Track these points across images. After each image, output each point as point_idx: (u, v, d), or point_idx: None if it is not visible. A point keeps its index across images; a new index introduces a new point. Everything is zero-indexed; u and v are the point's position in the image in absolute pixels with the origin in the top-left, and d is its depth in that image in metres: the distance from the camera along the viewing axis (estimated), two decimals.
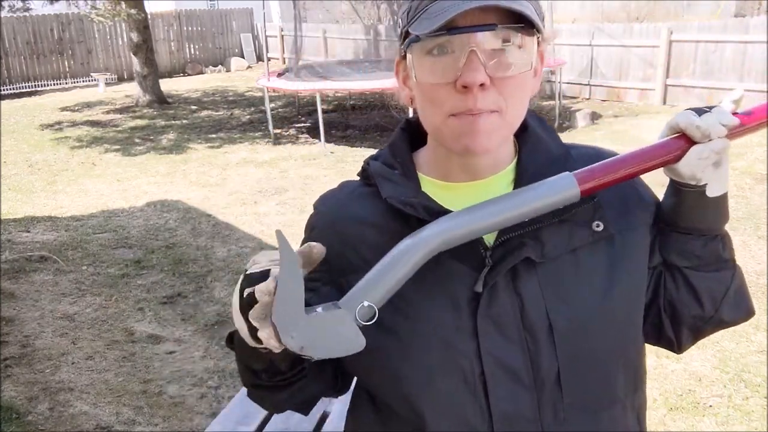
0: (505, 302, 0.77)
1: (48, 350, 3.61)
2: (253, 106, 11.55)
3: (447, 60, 0.73)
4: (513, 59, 0.73)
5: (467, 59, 0.71)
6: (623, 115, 9.29)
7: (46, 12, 14.61)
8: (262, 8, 10.01)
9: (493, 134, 0.75)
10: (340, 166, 7.32)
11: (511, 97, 0.74)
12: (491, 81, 0.72)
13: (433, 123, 0.78)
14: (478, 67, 0.71)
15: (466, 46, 0.71)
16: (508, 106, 0.75)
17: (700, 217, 0.82)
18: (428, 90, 0.76)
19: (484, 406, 0.77)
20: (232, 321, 0.73)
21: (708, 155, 0.75)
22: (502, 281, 0.77)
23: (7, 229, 5.63)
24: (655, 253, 0.85)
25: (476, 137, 0.74)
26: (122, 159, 8.14)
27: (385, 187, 0.83)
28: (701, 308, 0.85)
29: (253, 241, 5.17)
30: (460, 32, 0.70)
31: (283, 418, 2.69)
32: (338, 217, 0.88)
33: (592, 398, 0.81)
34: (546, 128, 0.88)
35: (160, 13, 16.70)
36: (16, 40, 14.55)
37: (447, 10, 0.69)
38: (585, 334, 0.79)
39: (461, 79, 0.71)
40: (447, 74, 0.73)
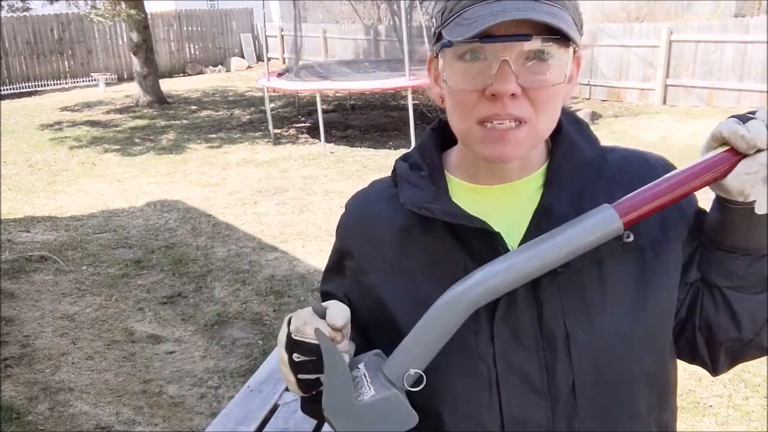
0: (524, 309, 0.77)
1: (48, 350, 3.61)
2: (253, 106, 11.55)
3: (479, 67, 0.72)
4: (546, 70, 0.71)
5: (499, 68, 0.70)
6: (623, 115, 9.30)
7: (46, 12, 14.62)
8: (262, 8, 10.02)
9: (521, 144, 0.74)
10: (340, 166, 7.32)
11: (542, 107, 0.73)
12: (523, 91, 0.71)
13: (461, 127, 0.77)
14: (510, 77, 0.70)
15: (498, 54, 0.70)
16: (538, 117, 0.73)
17: (746, 236, 0.76)
18: (458, 94, 0.75)
19: (498, 411, 0.78)
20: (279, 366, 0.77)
21: (757, 169, 0.69)
22: (522, 288, 0.75)
23: (7, 229, 5.64)
24: (693, 268, 0.81)
25: (504, 146, 0.74)
26: (122, 159, 8.14)
27: (405, 190, 0.84)
28: (739, 331, 0.79)
29: (253, 241, 5.17)
30: (493, 41, 0.69)
31: (283, 418, 2.69)
32: (364, 216, 0.90)
33: (610, 413, 0.79)
34: (582, 130, 0.85)
35: (160, 13, 16.70)
36: (16, 40, 14.55)
37: (483, 19, 0.68)
38: (606, 348, 0.76)
39: (491, 88, 0.71)
40: (478, 81, 0.72)
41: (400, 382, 0.71)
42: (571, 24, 0.71)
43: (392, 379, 0.71)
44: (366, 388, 0.71)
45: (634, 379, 0.79)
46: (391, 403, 0.70)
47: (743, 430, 2.67)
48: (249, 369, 3.28)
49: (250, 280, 4.43)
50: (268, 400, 2.82)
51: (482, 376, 0.78)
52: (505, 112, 0.71)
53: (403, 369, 0.71)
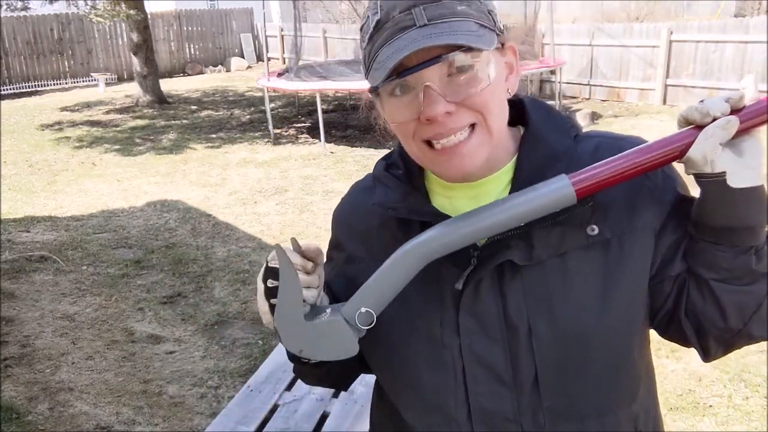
0: (489, 302, 0.79)
1: (48, 350, 3.61)
2: (253, 106, 11.55)
3: (408, 98, 0.75)
4: (469, 78, 0.73)
5: (425, 95, 0.73)
6: (623, 115, 9.30)
7: (46, 12, 14.62)
8: (262, 8, 10.01)
9: (479, 150, 0.76)
10: (340, 166, 7.32)
11: (484, 109, 0.75)
12: (459, 104, 0.74)
13: (414, 153, 0.80)
14: (437, 99, 0.72)
15: (420, 82, 0.73)
16: (486, 118, 0.75)
17: (726, 214, 0.74)
18: (401, 127, 0.78)
19: (465, 402, 0.80)
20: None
21: (713, 132, 0.71)
22: (487, 280, 0.78)
23: (7, 229, 5.64)
24: (678, 259, 0.80)
25: (460, 160, 0.76)
26: (122, 159, 8.14)
27: (377, 191, 0.89)
28: (726, 322, 0.78)
29: (253, 241, 5.17)
30: (408, 73, 0.72)
31: (283, 418, 2.69)
32: (353, 210, 0.95)
33: (577, 406, 0.80)
34: (552, 121, 0.85)
35: (160, 13, 16.70)
36: (16, 40, 14.55)
37: (390, 58, 0.71)
38: (569, 341, 0.77)
39: (423, 115, 0.73)
40: (411, 111, 0.75)
41: (353, 319, 0.76)
42: (473, 30, 0.72)
43: (346, 317, 0.76)
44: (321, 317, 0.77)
45: (597, 372, 0.79)
46: (334, 328, 0.76)
47: (743, 430, 2.67)
48: (249, 369, 3.28)
49: (250, 280, 4.43)
50: (268, 400, 2.82)
51: (448, 365, 0.81)
52: (446, 129, 0.74)
53: (357, 308, 0.76)
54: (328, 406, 2.79)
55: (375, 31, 0.75)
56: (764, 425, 2.67)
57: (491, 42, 0.73)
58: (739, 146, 0.72)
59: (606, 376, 0.80)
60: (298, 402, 2.82)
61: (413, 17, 0.72)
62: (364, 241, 0.90)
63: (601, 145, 0.83)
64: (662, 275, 0.80)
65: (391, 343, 0.86)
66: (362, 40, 0.78)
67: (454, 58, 0.72)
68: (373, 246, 0.88)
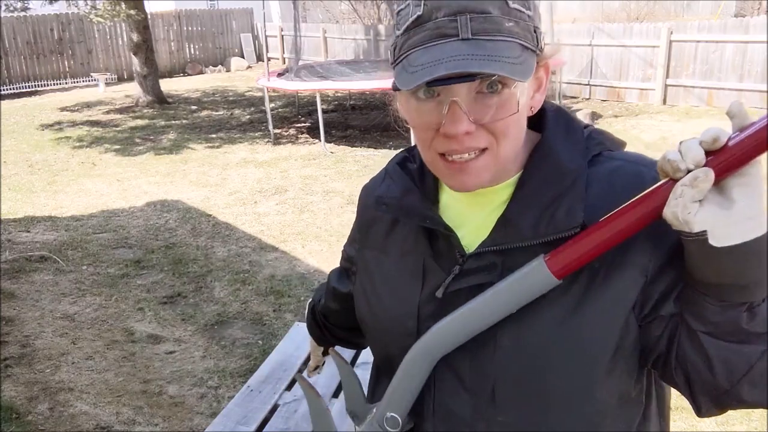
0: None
1: (48, 350, 3.61)
2: (253, 106, 11.55)
3: (431, 105, 0.73)
4: (498, 103, 0.71)
5: (449, 110, 0.70)
6: (623, 115, 9.29)
7: (46, 12, 14.62)
8: (262, 8, 10.01)
9: (482, 172, 0.75)
10: (340, 166, 7.32)
11: (501, 135, 0.73)
12: (479, 125, 0.72)
13: (426, 158, 0.80)
14: (461, 117, 0.70)
15: (448, 95, 0.71)
16: (499, 143, 0.74)
17: (713, 271, 0.67)
18: (417, 130, 0.77)
19: (431, 399, 0.83)
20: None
21: (681, 191, 0.63)
22: (465, 290, 0.78)
23: (7, 229, 5.63)
24: (670, 300, 0.73)
25: (465, 177, 0.75)
26: (122, 159, 8.14)
27: (383, 184, 0.90)
28: (713, 377, 0.71)
29: (253, 241, 5.17)
30: (438, 84, 0.69)
31: (283, 418, 2.69)
32: (367, 197, 0.98)
33: (531, 425, 0.78)
34: (571, 135, 0.80)
35: (160, 13, 16.70)
36: (16, 40, 14.54)
37: (422, 69, 0.68)
38: (529, 359, 0.76)
39: (443, 129, 0.72)
40: (432, 120, 0.73)
41: (382, 424, 0.84)
42: (517, 56, 0.68)
43: (378, 421, 0.84)
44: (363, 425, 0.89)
45: (554, 397, 0.77)
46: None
47: (743, 430, 2.67)
48: (249, 369, 3.28)
49: (250, 280, 4.43)
50: (268, 400, 2.82)
51: None
52: (462, 147, 0.72)
53: (383, 413, 0.83)
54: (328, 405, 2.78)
55: (412, 26, 0.71)
56: (764, 425, 2.67)
57: (530, 70, 0.70)
58: (728, 192, 0.64)
59: (562, 403, 0.77)
60: (298, 402, 2.82)
61: (457, 27, 0.68)
62: (376, 229, 0.93)
63: (618, 170, 0.77)
64: (653, 315, 0.74)
65: (375, 332, 0.91)
66: (397, 26, 0.74)
67: (490, 79, 0.70)
68: (381, 235, 0.92)
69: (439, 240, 0.83)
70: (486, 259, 0.78)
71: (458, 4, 0.68)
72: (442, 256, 0.82)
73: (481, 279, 0.77)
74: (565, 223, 0.73)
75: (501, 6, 0.69)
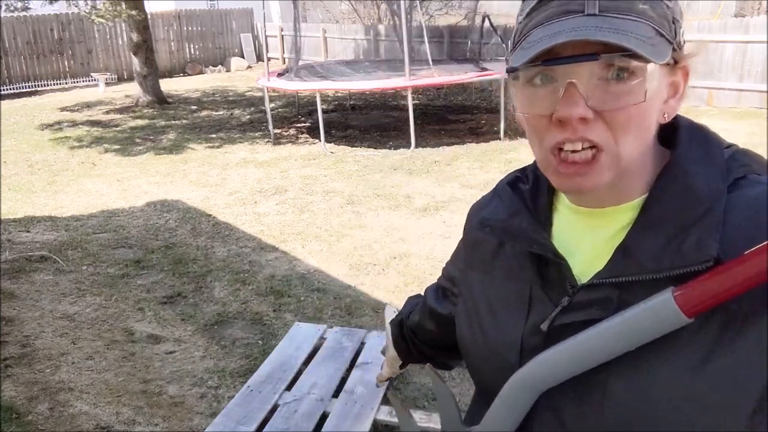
0: None
1: (48, 350, 3.61)
2: (253, 106, 11.55)
3: (546, 91, 0.66)
4: (621, 90, 0.63)
5: (565, 92, 0.64)
6: None
7: (46, 12, 14.62)
8: (262, 8, 10.01)
9: (599, 174, 0.67)
10: (340, 166, 7.32)
11: (621, 130, 0.65)
12: (597, 113, 0.64)
13: (538, 157, 0.72)
14: (577, 100, 0.63)
15: (565, 76, 0.64)
16: (618, 142, 0.65)
17: None
18: (529, 120, 0.70)
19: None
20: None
21: None
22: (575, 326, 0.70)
23: (7, 229, 5.64)
24: None
25: (580, 179, 0.67)
26: (122, 159, 8.14)
27: (490, 204, 0.86)
28: None
29: (253, 241, 5.17)
30: (555, 63, 0.64)
31: (283, 418, 2.69)
32: (473, 216, 0.91)
33: None
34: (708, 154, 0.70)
35: (160, 13, 16.70)
36: (16, 40, 14.55)
37: (541, 42, 0.63)
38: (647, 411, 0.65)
39: (557, 113, 0.65)
40: (545, 106, 0.66)
41: None
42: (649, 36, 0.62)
43: None
44: None
45: None
46: None
47: None
48: (249, 369, 3.28)
49: (250, 280, 4.43)
50: (268, 400, 2.82)
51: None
52: (576, 135, 0.65)
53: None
54: (328, 406, 2.79)
55: (536, 7, 0.67)
56: None
57: (663, 55, 0.63)
58: None
59: None
60: (298, 402, 2.82)
61: (584, 3, 0.63)
62: (482, 249, 0.86)
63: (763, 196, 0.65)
64: None
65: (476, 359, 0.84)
66: (519, 13, 0.70)
67: (614, 60, 0.62)
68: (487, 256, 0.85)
69: (549, 267, 0.75)
70: (600, 292, 0.69)
71: None
72: (551, 285, 0.74)
73: (593, 314, 0.69)
74: (696, 256, 0.63)
75: None
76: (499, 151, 7.49)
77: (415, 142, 7.86)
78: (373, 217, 5.47)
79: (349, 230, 5.18)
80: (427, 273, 4.31)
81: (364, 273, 4.43)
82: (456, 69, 9.01)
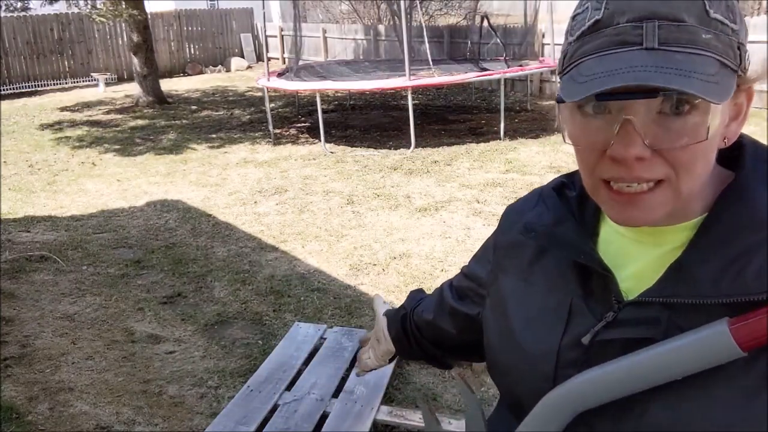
0: (611, 357, 0.68)
1: (48, 350, 3.61)
2: (253, 106, 11.55)
3: (600, 123, 0.62)
4: (682, 127, 0.59)
5: (621, 129, 0.60)
6: None
7: (46, 12, 14.63)
8: (262, 8, 10.01)
9: (656, 209, 0.63)
10: (340, 166, 7.32)
11: (681, 167, 0.61)
12: (656, 151, 0.61)
13: (587, 184, 0.68)
14: (634, 140, 0.60)
15: (621, 111, 0.60)
16: (679, 176, 0.61)
17: None
18: (580, 150, 0.66)
19: None
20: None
21: None
22: (617, 344, 0.67)
23: (7, 229, 5.64)
24: None
25: (634, 212, 0.64)
26: (122, 159, 8.14)
27: (535, 209, 0.82)
28: None
29: (253, 241, 5.17)
30: (610, 99, 0.59)
31: (283, 418, 2.69)
32: (513, 218, 0.88)
33: None
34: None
35: (160, 13, 16.70)
36: (16, 40, 14.54)
37: (595, 78, 0.59)
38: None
39: (611, 151, 0.61)
40: (598, 139, 0.62)
41: None
42: (713, 74, 0.58)
43: None
44: None
45: None
46: None
47: None
48: (249, 369, 3.28)
49: (250, 280, 4.43)
50: (268, 400, 2.82)
51: None
52: (631, 176, 0.61)
53: None
54: (328, 406, 2.79)
55: (589, 32, 0.62)
56: None
57: (728, 91, 0.59)
58: None
59: None
60: (298, 402, 2.82)
61: (642, 34, 0.58)
62: (519, 255, 0.82)
63: None
64: None
65: (504, 368, 0.81)
66: (570, 32, 0.66)
67: (675, 97, 0.58)
68: (524, 263, 0.81)
69: (593, 279, 0.72)
70: (648, 311, 0.66)
71: (646, 7, 0.59)
72: (594, 298, 0.71)
73: (639, 333, 0.65)
74: (757, 284, 0.60)
75: (699, 14, 0.59)
76: (499, 151, 7.49)
77: (415, 142, 7.86)
78: (372, 217, 5.48)
79: (349, 230, 5.18)
80: (427, 273, 4.31)
81: (364, 273, 4.43)
82: (456, 69, 9.01)
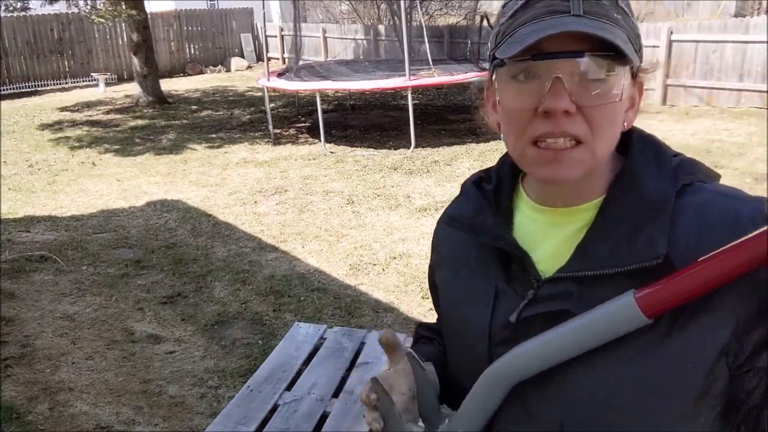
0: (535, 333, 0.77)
1: (48, 350, 3.61)
2: (253, 106, 11.55)
3: (532, 85, 0.70)
4: (601, 88, 0.69)
5: (552, 86, 0.68)
6: None
7: (46, 12, 14.62)
8: (262, 8, 10.00)
9: (576, 164, 0.72)
10: (340, 166, 7.32)
11: (598, 127, 0.70)
12: (578, 109, 0.69)
13: (516, 149, 0.76)
14: (563, 94, 0.68)
15: (551, 72, 0.69)
16: (594, 137, 0.71)
17: None
18: (512, 115, 0.74)
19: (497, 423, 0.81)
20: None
21: None
22: (540, 319, 0.75)
23: (7, 229, 5.64)
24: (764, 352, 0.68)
25: (557, 166, 0.72)
26: (122, 159, 8.14)
27: (455, 203, 0.90)
28: None
29: (253, 241, 5.17)
30: (544, 58, 0.68)
31: (283, 418, 2.69)
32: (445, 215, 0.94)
33: None
34: (658, 162, 0.77)
35: (160, 13, 16.70)
36: (16, 40, 14.54)
37: (531, 35, 0.67)
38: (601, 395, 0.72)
39: (544, 105, 0.69)
40: (531, 100, 0.71)
41: None
42: (626, 41, 0.69)
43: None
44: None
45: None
46: None
47: None
48: (249, 369, 3.28)
49: (250, 280, 4.43)
50: (268, 400, 2.82)
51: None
52: (558, 129, 0.70)
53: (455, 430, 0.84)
54: (328, 406, 2.79)
55: (521, 8, 0.71)
56: None
57: (634, 60, 0.70)
58: None
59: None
60: (298, 402, 2.82)
61: (569, 4, 0.68)
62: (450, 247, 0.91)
63: (709, 203, 0.72)
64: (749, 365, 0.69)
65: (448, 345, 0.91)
66: (501, 15, 0.74)
67: (596, 60, 0.68)
68: (455, 254, 0.89)
69: (512, 263, 0.80)
70: (562, 286, 0.75)
71: None
72: (516, 279, 0.79)
73: (556, 306, 0.74)
74: (646, 253, 0.70)
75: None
76: (499, 151, 7.49)
77: (415, 142, 7.86)
78: (372, 217, 5.47)
79: (349, 230, 5.18)
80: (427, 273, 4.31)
81: (364, 273, 4.43)
82: (456, 69, 9.01)
